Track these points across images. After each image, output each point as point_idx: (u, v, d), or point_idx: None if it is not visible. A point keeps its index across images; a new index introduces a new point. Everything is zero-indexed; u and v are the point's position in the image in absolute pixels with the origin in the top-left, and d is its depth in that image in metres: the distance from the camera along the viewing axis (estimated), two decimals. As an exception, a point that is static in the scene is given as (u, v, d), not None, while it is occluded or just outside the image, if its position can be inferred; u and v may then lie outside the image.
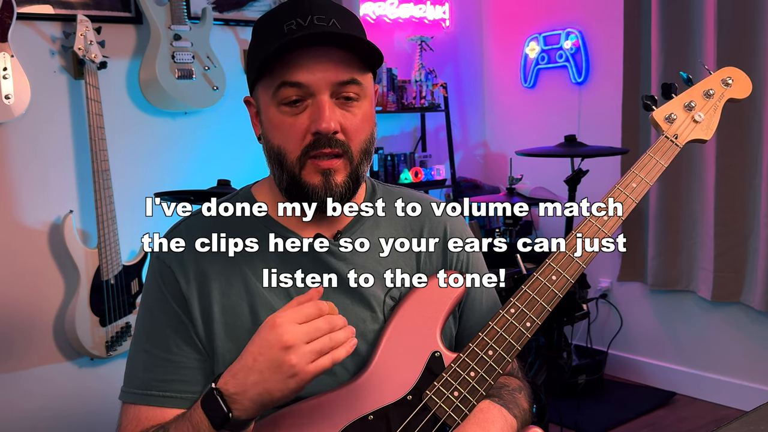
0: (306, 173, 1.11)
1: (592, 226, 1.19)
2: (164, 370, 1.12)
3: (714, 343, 3.52)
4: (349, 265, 1.18)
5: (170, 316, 1.13)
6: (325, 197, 1.11)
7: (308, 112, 1.09)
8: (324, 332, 0.96)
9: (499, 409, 1.13)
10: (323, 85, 1.07)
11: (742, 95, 1.31)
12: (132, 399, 1.13)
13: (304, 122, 1.09)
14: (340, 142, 1.10)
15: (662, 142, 1.26)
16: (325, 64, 1.07)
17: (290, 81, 1.07)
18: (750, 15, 3.17)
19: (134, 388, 1.14)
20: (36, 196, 2.87)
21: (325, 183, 1.10)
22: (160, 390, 1.12)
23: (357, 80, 1.10)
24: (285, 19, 1.08)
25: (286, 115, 1.10)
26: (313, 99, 1.08)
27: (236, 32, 3.39)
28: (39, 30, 2.84)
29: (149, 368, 1.13)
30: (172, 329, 1.13)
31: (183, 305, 1.13)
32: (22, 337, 2.85)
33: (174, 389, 1.12)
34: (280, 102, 1.09)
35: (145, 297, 1.18)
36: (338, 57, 1.08)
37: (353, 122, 1.11)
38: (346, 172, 1.12)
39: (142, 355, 1.15)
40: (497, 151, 4.53)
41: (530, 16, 4.25)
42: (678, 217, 3.52)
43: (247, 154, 3.29)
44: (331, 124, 1.08)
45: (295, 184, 1.12)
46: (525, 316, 1.14)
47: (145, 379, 1.13)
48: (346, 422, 1.08)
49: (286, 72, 1.07)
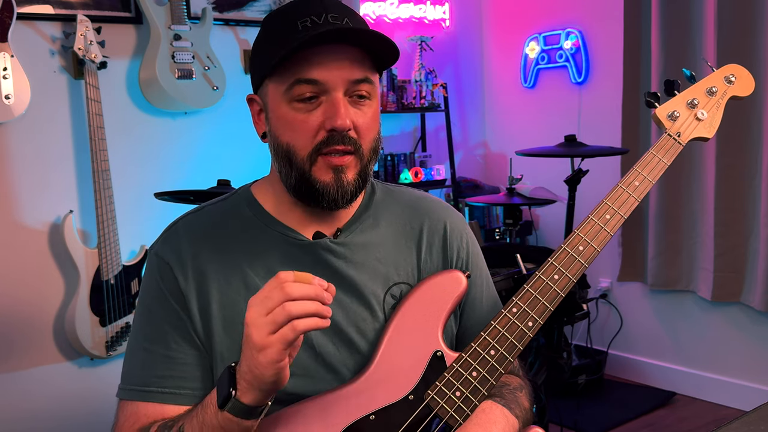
0: (316, 170, 1.11)
1: (594, 225, 1.19)
2: (163, 366, 1.12)
3: (714, 343, 3.51)
4: (348, 263, 1.18)
5: (169, 313, 1.13)
6: (336, 194, 1.11)
7: (322, 109, 1.09)
8: (277, 302, 0.93)
9: (501, 410, 1.12)
10: (339, 83, 1.08)
11: (744, 93, 1.31)
12: (130, 396, 1.13)
13: (318, 119, 1.09)
14: (352, 140, 1.10)
15: (665, 139, 1.25)
16: (341, 61, 1.08)
17: (306, 78, 1.07)
18: (750, 15, 3.17)
19: (132, 385, 1.13)
20: (36, 196, 2.86)
21: (336, 180, 1.11)
22: (158, 386, 1.12)
23: (370, 79, 1.11)
24: (299, 17, 1.08)
25: (299, 112, 1.09)
26: (327, 96, 1.09)
27: (236, 32, 3.39)
28: (39, 30, 2.84)
29: (148, 365, 1.13)
30: (171, 326, 1.13)
31: (181, 302, 1.13)
32: (22, 337, 2.85)
33: (173, 385, 1.12)
34: (293, 98, 1.09)
35: (143, 294, 1.18)
36: (353, 55, 1.09)
37: (365, 120, 1.12)
38: (357, 170, 1.12)
39: (140, 353, 1.14)
40: (497, 151, 4.53)
41: (530, 16, 4.25)
42: (678, 217, 3.52)
43: (247, 154, 3.29)
44: (347, 121, 1.08)
45: (304, 181, 1.12)
46: (527, 316, 1.14)
47: (144, 376, 1.13)
48: (348, 422, 1.08)
49: (301, 69, 1.07)
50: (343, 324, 1.16)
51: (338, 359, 1.15)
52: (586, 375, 3.62)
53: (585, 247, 1.17)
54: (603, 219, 1.19)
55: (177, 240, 1.17)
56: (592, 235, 1.18)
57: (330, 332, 1.15)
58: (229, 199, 1.23)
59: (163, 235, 1.20)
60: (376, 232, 1.22)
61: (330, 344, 1.15)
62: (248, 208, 1.20)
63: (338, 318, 1.16)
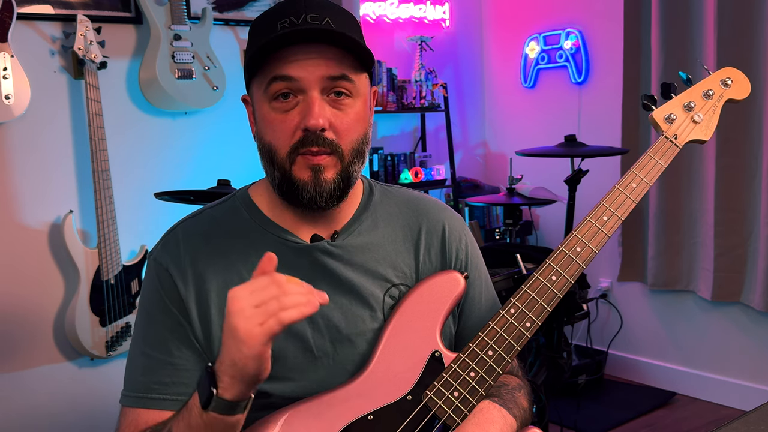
0: (296, 169, 1.11)
1: (591, 227, 1.19)
2: (164, 372, 1.12)
3: (714, 343, 3.52)
4: (346, 265, 1.18)
5: (169, 319, 1.13)
6: (314, 193, 1.11)
7: (299, 109, 1.09)
8: (272, 295, 0.93)
9: (499, 410, 1.13)
10: (313, 81, 1.08)
11: (740, 96, 1.31)
12: (132, 403, 1.13)
13: (295, 119, 1.09)
14: (328, 141, 1.10)
15: (662, 142, 1.26)
16: (315, 59, 1.08)
17: (281, 75, 1.08)
18: (750, 15, 3.17)
19: (134, 392, 1.13)
20: (36, 196, 2.87)
21: (315, 179, 1.10)
22: (160, 393, 1.12)
23: (348, 77, 1.10)
24: (279, 18, 1.09)
25: (277, 112, 1.10)
26: (304, 96, 1.09)
27: (236, 32, 3.39)
28: (39, 30, 2.84)
29: (149, 371, 1.13)
30: (171, 332, 1.13)
31: (181, 308, 1.13)
32: (22, 337, 2.85)
33: (174, 392, 1.12)
34: (272, 97, 1.10)
35: (143, 300, 1.18)
36: (331, 54, 1.09)
37: (344, 121, 1.11)
38: (336, 170, 1.12)
39: (141, 359, 1.14)
40: (497, 151, 4.53)
41: (530, 16, 4.25)
42: (678, 217, 3.52)
43: (247, 154, 3.28)
44: (320, 120, 1.08)
45: (285, 180, 1.12)
46: (525, 317, 1.14)
47: (145, 382, 1.13)
48: (346, 422, 1.08)
49: (277, 67, 1.08)
50: (342, 325, 1.16)
51: (336, 360, 1.15)
52: (586, 375, 3.62)
53: (582, 249, 1.18)
54: (600, 221, 1.20)
55: (176, 245, 1.17)
56: (590, 237, 1.19)
57: (328, 333, 1.15)
58: (227, 202, 1.23)
59: (162, 241, 1.20)
60: (374, 233, 1.22)
61: (328, 345, 1.15)
62: (246, 210, 1.20)
63: (337, 319, 1.16)
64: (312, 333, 1.15)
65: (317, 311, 1.14)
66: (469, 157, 4.57)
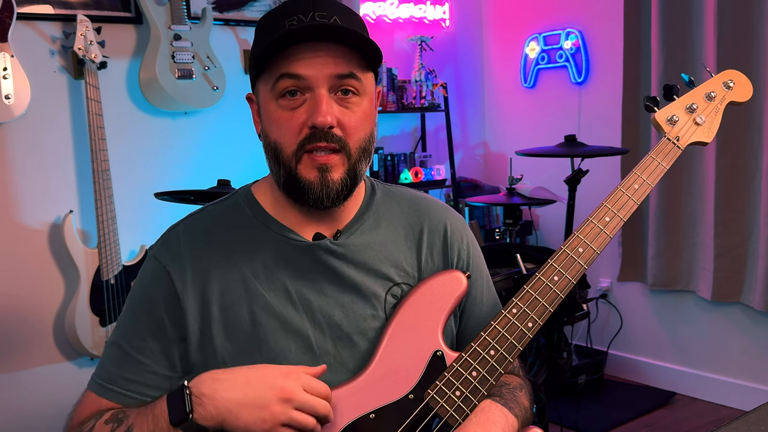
0: (302, 168, 1.11)
1: (593, 228, 1.19)
2: (132, 369, 1.13)
3: (714, 343, 3.52)
4: (349, 264, 1.18)
5: (152, 321, 1.13)
6: (321, 193, 1.11)
7: (306, 107, 1.09)
8: (314, 413, 1.02)
9: (501, 409, 1.13)
10: (321, 78, 1.08)
11: (743, 98, 1.31)
12: (95, 389, 1.15)
13: (302, 116, 1.09)
14: (336, 137, 1.10)
15: (664, 143, 1.26)
16: (323, 57, 1.08)
17: (288, 73, 1.08)
18: (750, 15, 3.18)
19: (101, 380, 1.14)
20: (36, 196, 2.86)
21: (321, 179, 1.10)
22: (123, 387, 1.13)
23: (356, 75, 1.10)
24: (287, 16, 1.09)
25: (284, 110, 1.10)
26: (311, 93, 1.09)
27: (236, 32, 3.39)
28: (39, 30, 2.84)
29: (119, 364, 1.14)
30: (152, 334, 1.13)
31: (173, 309, 1.13)
32: (22, 337, 2.85)
33: (137, 391, 1.13)
34: (279, 95, 1.10)
35: (133, 294, 1.18)
36: (338, 52, 1.09)
37: (351, 119, 1.11)
38: (344, 169, 1.12)
39: (114, 349, 1.15)
40: (497, 151, 4.53)
41: (530, 16, 4.25)
42: (678, 217, 3.52)
43: (247, 154, 3.29)
44: (328, 117, 1.08)
45: (291, 179, 1.12)
46: (527, 317, 1.14)
47: (113, 373, 1.14)
48: (348, 421, 1.08)
49: (285, 64, 1.08)
50: (344, 324, 1.16)
51: (339, 359, 1.15)
52: (586, 375, 3.62)
53: (584, 249, 1.18)
54: (603, 221, 1.20)
55: (177, 243, 1.17)
56: (592, 237, 1.19)
57: (330, 332, 1.15)
58: (229, 200, 1.23)
59: (163, 237, 1.20)
60: (376, 232, 1.22)
61: (330, 344, 1.15)
62: (248, 208, 1.20)
63: (338, 318, 1.16)
64: (313, 331, 1.15)
65: (319, 309, 1.15)
66: (469, 157, 4.57)
